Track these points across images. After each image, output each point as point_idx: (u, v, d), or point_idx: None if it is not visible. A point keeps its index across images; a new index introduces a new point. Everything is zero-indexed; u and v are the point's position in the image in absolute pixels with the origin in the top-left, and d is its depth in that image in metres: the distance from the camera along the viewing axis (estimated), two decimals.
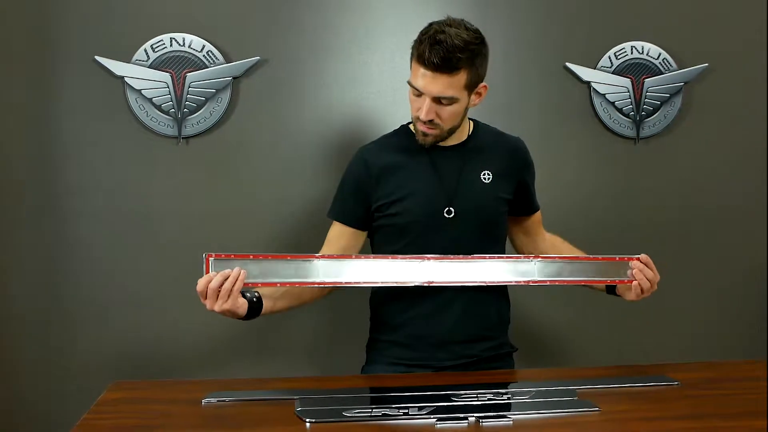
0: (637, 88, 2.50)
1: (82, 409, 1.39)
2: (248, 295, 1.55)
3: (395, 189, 1.68)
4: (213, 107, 2.32)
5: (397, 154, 1.72)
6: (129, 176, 2.31)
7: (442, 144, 1.69)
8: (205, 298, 1.49)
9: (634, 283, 1.64)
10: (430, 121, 1.60)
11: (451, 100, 1.58)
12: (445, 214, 1.67)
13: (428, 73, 1.54)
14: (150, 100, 2.29)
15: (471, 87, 1.61)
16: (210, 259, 1.50)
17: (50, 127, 2.27)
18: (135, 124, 2.30)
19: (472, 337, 1.71)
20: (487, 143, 1.75)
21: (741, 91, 2.54)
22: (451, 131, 1.67)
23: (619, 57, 2.49)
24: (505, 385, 1.52)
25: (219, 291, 1.47)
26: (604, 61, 2.48)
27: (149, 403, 1.44)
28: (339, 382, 1.59)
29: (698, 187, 2.56)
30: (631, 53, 2.49)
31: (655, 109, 2.51)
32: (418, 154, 1.70)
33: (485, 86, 1.66)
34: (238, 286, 1.48)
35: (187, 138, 2.33)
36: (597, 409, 1.36)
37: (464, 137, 1.72)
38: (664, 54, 2.50)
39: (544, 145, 2.48)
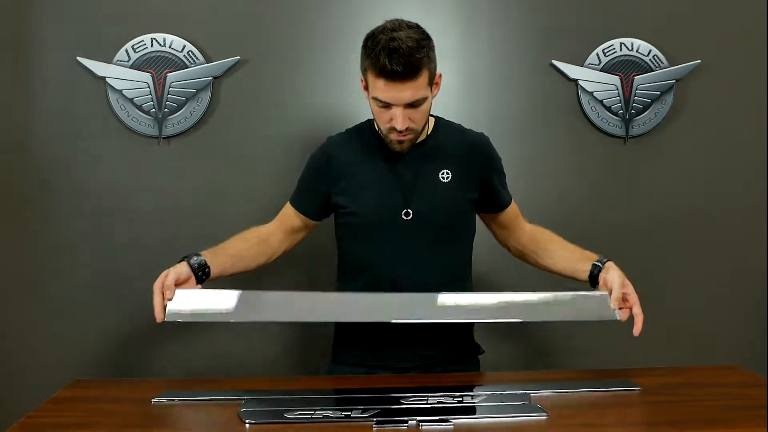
0: (627, 86, 2.44)
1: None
2: (194, 263, 1.56)
3: (354, 188, 1.67)
4: (193, 107, 2.33)
5: (360, 151, 1.70)
6: (110, 176, 2.33)
7: None
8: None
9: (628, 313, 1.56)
10: (406, 129, 1.56)
11: (422, 101, 1.55)
12: (403, 216, 1.64)
13: (394, 83, 1.50)
14: (131, 100, 2.30)
15: (431, 81, 1.58)
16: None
17: (32, 127, 2.30)
18: (116, 124, 2.32)
19: (433, 339, 1.68)
20: (446, 141, 1.71)
21: (735, 89, 2.47)
22: (423, 129, 1.64)
23: (607, 54, 2.43)
24: (459, 389, 1.49)
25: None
26: (591, 58, 2.43)
27: (98, 402, 1.45)
28: (294, 383, 1.58)
29: (690, 187, 2.49)
30: (620, 50, 2.43)
31: (645, 107, 2.45)
32: (378, 154, 1.68)
33: (440, 75, 1.62)
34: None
35: (168, 138, 2.34)
36: (545, 414, 1.32)
37: (423, 136, 1.69)
38: (655, 51, 2.44)
39: (530, 145, 2.45)
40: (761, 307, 2.54)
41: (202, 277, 1.57)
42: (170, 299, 1.47)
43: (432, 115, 1.74)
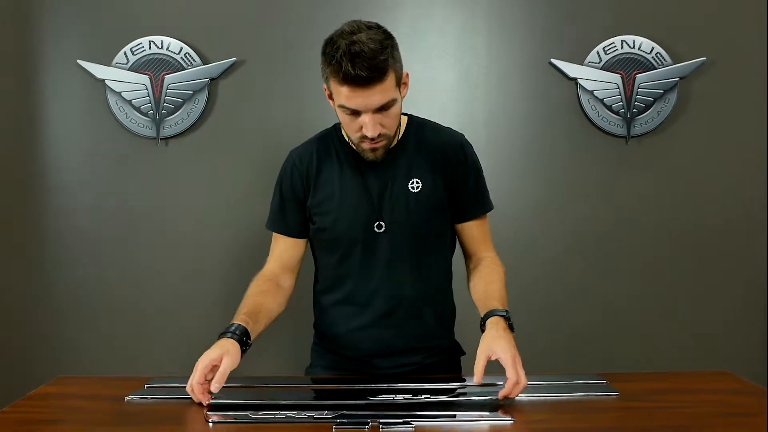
0: (628, 85, 2.39)
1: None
2: (239, 339, 1.46)
3: (324, 201, 1.62)
4: (190, 108, 2.35)
5: (327, 161, 1.64)
6: (109, 176, 2.38)
7: None
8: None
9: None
10: (378, 135, 1.49)
11: (392, 103, 1.48)
12: (375, 229, 1.60)
13: (359, 89, 1.42)
14: (129, 102, 2.34)
15: (399, 82, 1.51)
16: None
17: (34, 129, 2.36)
18: (115, 126, 2.36)
19: (410, 347, 1.65)
20: (417, 145, 1.63)
21: (741, 87, 2.41)
22: (396, 133, 1.57)
23: (608, 52, 2.39)
24: (430, 391, 1.47)
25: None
26: (592, 56, 2.39)
27: (73, 399, 1.46)
28: (269, 384, 1.58)
29: (693, 188, 2.43)
30: (622, 48, 2.39)
31: (648, 106, 2.40)
32: (347, 163, 1.62)
33: (407, 74, 1.55)
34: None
35: (165, 139, 2.36)
36: (510, 419, 1.30)
37: (395, 141, 1.61)
38: (658, 48, 2.38)
39: (529, 146, 2.42)
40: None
41: (245, 349, 1.47)
42: (213, 392, 1.37)
43: (405, 114, 1.67)
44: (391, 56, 1.46)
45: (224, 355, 1.40)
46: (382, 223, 1.60)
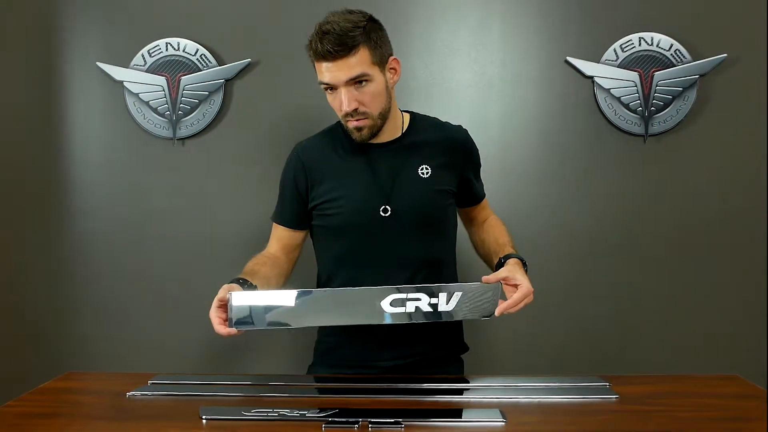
0: (646, 82, 2.34)
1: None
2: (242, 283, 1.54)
3: (330, 189, 1.66)
4: (206, 109, 2.38)
5: (333, 152, 1.69)
6: (127, 176, 2.42)
7: (377, 141, 1.64)
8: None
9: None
10: (356, 111, 1.55)
11: (365, 78, 1.53)
12: (381, 213, 1.62)
13: (329, 64, 1.52)
14: (147, 103, 2.38)
15: (380, 63, 1.56)
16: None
17: (54, 129, 2.42)
18: (133, 126, 2.41)
19: (417, 337, 1.65)
20: (424, 136, 1.69)
21: (762, 84, 2.33)
22: (383, 117, 1.60)
23: (625, 50, 2.34)
24: (426, 391, 1.47)
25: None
26: (608, 54, 2.35)
27: (76, 394, 1.51)
28: (268, 382, 1.59)
29: (713, 188, 2.37)
30: (639, 45, 2.34)
31: (666, 104, 2.35)
32: (354, 153, 1.67)
33: (396, 60, 1.61)
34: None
35: (182, 139, 2.40)
36: (503, 420, 1.29)
37: (399, 133, 1.67)
38: (677, 45, 2.33)
39: (545, 145, 2.39)
40: None
41: (248, 286, 1.54)
42: (222, 297, 1.45)
43: (407, 111, 1.73)
44: (364, 36, 1.53)
45: (223, 287, 1.48)
46: (388, 207, 1.63)
